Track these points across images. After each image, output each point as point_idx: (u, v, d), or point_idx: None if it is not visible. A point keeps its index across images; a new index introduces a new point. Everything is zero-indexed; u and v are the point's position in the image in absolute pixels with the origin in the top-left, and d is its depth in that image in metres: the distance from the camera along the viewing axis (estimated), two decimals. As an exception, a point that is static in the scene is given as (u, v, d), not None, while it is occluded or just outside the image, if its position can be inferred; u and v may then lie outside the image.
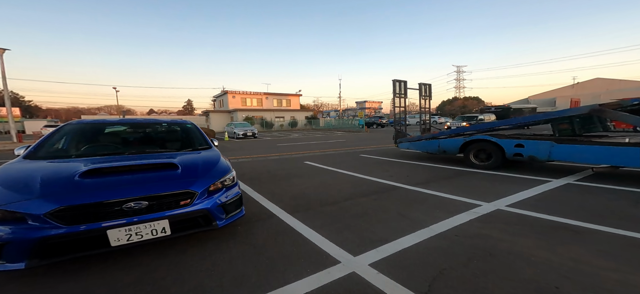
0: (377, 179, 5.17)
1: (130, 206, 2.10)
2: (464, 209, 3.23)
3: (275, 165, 7.43)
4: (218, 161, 2.97)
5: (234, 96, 35.13)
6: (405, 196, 3.94)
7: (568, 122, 4.90)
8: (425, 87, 8.56)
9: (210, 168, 2.77)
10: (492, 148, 5.39)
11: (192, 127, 4.01)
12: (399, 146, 7.92)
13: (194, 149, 3.44)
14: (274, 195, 4.41)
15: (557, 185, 4.20)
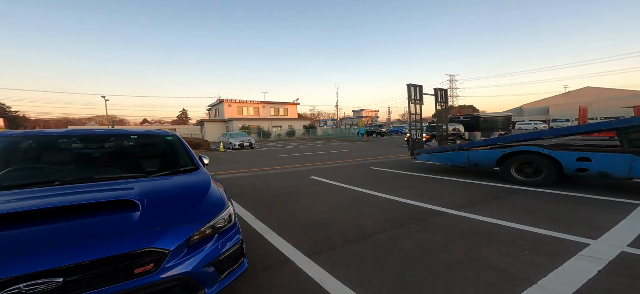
0: (405, 200, 4.24)
1: (34, 288, 1.11)
2: (569, 251, 2.27)
3: (277, 181, 6.43)
4: (206, 192, 2.01)
5: (230, 105, 34.19)
6: (458, 227, 3.00)
7: None
8: (441, 92, 7.84)
9: (193, 204, 1.82)
10: (543, 161, 4.56)
11: (173, 139, 3.01)
12: (417, 158, 7.05)
13: (173, 171, 2.46)
14: (282, 225, 3.42)
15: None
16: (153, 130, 3.15)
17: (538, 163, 4.59)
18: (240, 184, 6.26)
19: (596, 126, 4.57)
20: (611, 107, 42.74)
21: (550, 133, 5.75)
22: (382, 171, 7.07)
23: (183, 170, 2.51)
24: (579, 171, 4.14)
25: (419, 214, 3.52)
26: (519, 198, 3.96)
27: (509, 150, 4.92)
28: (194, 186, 2.11)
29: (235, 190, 5.65)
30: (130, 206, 1.59)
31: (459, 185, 5.08)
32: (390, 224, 3.23)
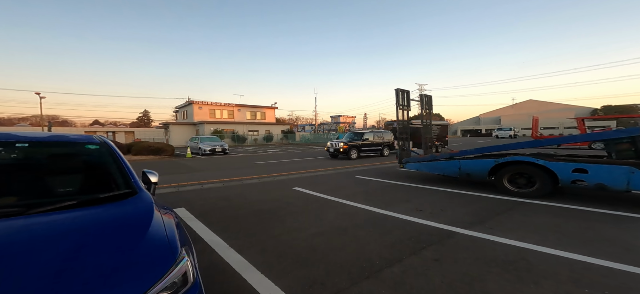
0: (405, 216, 3.75)
1: None
2: (628, 286, 1.90)
3: (256, 194, 5.55)
4: (143, 236, 1.25)
5: (200, 107, 31.62)
6: (483, 253, 2.55)
7: (630, 142, 4.21)
8: (426, 98, 7.78)
9: (117, 263, 1.05)
10: (536, 172, 4.48)
11: (99, 148, 2.05)
12: (405, 166, 6.76)
13: (91, 200, 1.58)
14: (266, 256, 2.64)
15: None
16: (65, 135, 2.13)
17: (532, 174, 4.51)
18: (211, 198, 5.25)
19: (585, 137, 4.75)
20: (550, 118, 49.62)
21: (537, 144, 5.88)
22: (370, 181, 6.62)
23: (109, 197, 1.63)
24: (575, 183, 4.10)
25: (428, 235, 3.03)
26: (524, 212, 3.73)
27: (502, 161, 4.80)
28: (123, 227, 1.30)
29: (204, 206, 4.66)
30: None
31: (454, 196, 4.81)
32: (400, 251, 2.67)
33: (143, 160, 13.27)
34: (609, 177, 3.79)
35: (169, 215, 1.62)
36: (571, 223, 3.25)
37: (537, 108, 58.54)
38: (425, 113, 7.69)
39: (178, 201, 4.98)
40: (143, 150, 14.14)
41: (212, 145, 16.00)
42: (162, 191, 5.89)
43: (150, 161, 13.09)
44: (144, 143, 15.62)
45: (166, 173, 8.81)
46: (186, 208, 4.47)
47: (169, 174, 8.53)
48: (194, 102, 31.46)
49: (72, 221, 1.30)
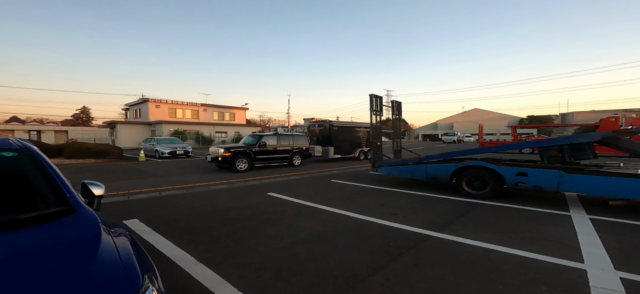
0: (382, 221, 3.86)
1: None
2: (580, 281, 2.18)
3: (226, 201, 5.13)
4: (87, 267, 1.05)
5: (158, 105, 28.43)
6: (454, 255, 2.73)
7: (557, 149, 5.05)
8: (397, 104, 8.26)
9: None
10: (488, 175, 5.05)
11: (17, 156, 1.59)
12: (378, 170, 7.04)
13: (6, 224, 1.19)
14: (243, 271, 2.41)
15: (597, 222, 3.83)
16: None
17: (484, 178, 5.09)
18: (171, 207, 4.67)
19: (523, 144, 5.60)
20: (490, 125, 57.72)
21: (485, 150, 6.70)
22: (345, 185, 6.70)
23: (33, 218, 1.27)
24: (517, 185, 4.75)
25: (405, 240, 3.14)
26: (482, 214, 4.16)
27: (462, 165, 5.33)
28: (56, 259, 1.01)
29: (163, 216, 4.12)
30: None
31: (423, 199, 5.14)
32: (381, 257, 2.70)
33: (80, 164, 11.21)
34: (543, 180, 4.49)
35: (123, 235, 1.33)
36: (519, 222, 3.72)
37: (481, 116, 67.30)
38: (395, 118, 8.13)
39: (129, 212, 4.31)
40: (80, 153, 11.95)
41: (172, 147, 14.45)
42: (107, 200, 5.04)
43: (90, 165, 11.18)
44: (82, 144, 13.23)
45: (113, 179, 7.62)
46: (140, 219, 3.89)
47: (117, 180, 7.38)
48: (149, 99, 28.17)
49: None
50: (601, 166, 4.91)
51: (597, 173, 4.18)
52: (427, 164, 5.93)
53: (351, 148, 13.42)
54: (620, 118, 14.11)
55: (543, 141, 5.49)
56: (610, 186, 3.98)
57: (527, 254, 2.68)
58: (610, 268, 2.39)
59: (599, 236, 3.13)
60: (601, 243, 2.93)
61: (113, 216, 4.05)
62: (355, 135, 13.72)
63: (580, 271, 2.34)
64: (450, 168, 5.49)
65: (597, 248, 2.81)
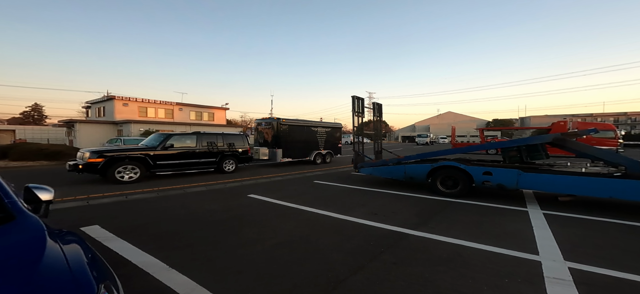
0: (364, 220, 3.94)
1: None
2: (535, 272, 2.39)
3: (203, 203, 4.88)
4: (29, 281, 0.94)
5: (126, 104, 26.24)
6: (429, 252, 2.87)
7: (516, 150, 5.58)
8: (377, 106, 8.52)
9: None
10: (459, 175, 5.40)
11: None
12: (360, 171, 7.19)
13: None
14: (220, 274, 2.31)
15: (549, 217, 4.18)
16: None
17: (456, 177, 5.45)
18: (140, 211, 4.33)
19: (488, 146, 6.12)
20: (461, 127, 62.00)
21: (457, 151, 7.19)
22: (328, 186, 6.74)
23: None
24: (484, 183, 5.16)
25: (384, 239, 3.24)
26: (453, 211, 4.43)
27: (436, 165, 5.65)
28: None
29: (130, 221, 3.80)
30: None
31: (401, 199, 5.35)
32: (362, 256, 2.75)
33: (30, 167, 9.92)
34: (505, 178, 4.94)
35: (74, 242, 1.21)
36: (485, 219, 4.04)
37: (454, 119, 71.98)
38: (376, 120, 8.38)
39: (88, 218, 3.92)
40: (30, 154, 10.60)
41: (143, 147, 13.42)
42: (61, 206, 4.53)
43: (43, 168, 9.94)
44: (33, 145, 11.74)
45: (70, 183, 6.84)
46: (102, 225, 3.56)
47: (75, 184, 6.62)
48: (116, 97, 25.91)
49: None
50: (552, 165, 5.51)
51: (548, 172, 4.69)
52: (405, 165, 6.19)
53: (306, 150, 11.47)
54: (568, 122, 16.02)
55: (504, 142, 6.05)
56: (559, 183, 4.49)
57: (493, 249, 2.91)
58: (560, 258, 2.68)
59: (551, 230, 3.50)
60: (553, 236, 3.28)
61: (68, 223, 3.64)
62: (311, 136, 11.75)
63: (536, 263, 2.59)
64: (426, 169, 5.79)
65: (549, 241, 3.14)
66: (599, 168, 5.17)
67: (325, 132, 12.38)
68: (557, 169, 5.00)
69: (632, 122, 55.34)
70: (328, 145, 12.46)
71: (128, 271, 2.39)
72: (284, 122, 10.94)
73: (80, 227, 3.39)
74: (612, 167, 4.99)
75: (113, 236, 3.16)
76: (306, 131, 11.71)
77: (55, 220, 3.78)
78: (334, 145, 12.78)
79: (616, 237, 3.28)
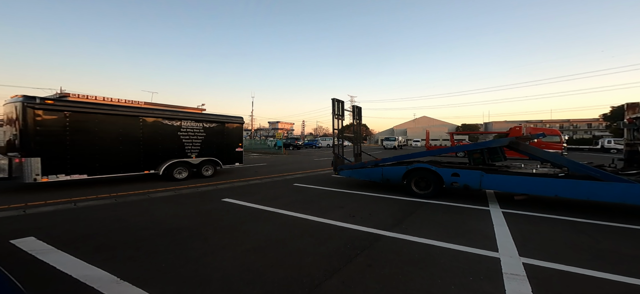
0: (340, 223, 3.93)
1: None
2: (495, 269, 2.54)
3: (169, 210, 4.50)
4: None
5: (85, 95, 23.48)
6: (402, 252, 2.92)
7: (479, 152, 6.02)
8: (357, 109, 8.66)
9: None
10: (431, 177, 5.66)
11: None
12: (340, 173, 7.21)
13: None
14: (182, 284, 2.12)
15: (507, 215, 4.56)
16: None
17: (429, 179, 5.72)
18: (91, 220, 3.86)
19: (457, 148, 6.51)
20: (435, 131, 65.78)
21: (430, 154, 7.57)
22: (307, 189, 6.66)
23: None
24: (452, 185, 5.49)
25: (360, 240, 3.25)
26: (425, 212, 4.62)
27: (411, 167, 5.89)
28: None
29: (75, 230, 3.39)
30: None
31: (378, 201, 5.46)
32: (338, 259, 2.71)
33: None
34: (470, 179, 5.31)
35: None
36: (452, 218, 4.27)
37: (428, 123, 76.19)
38: (355, 123, 8.50)
39: (23, 228, 3.39)
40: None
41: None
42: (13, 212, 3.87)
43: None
44: None
45: (3, 189, 5.87)
46: (38, 236, 3.11)
47: (9, 192, 5.67)
48: (71, 95, 23.03)
49: None
50: (509, 167, 6.06)
51: (505, 173, 5.14)
52: (382, 167, 6.35)
53: (137, 157, 6.95)
54: (523, 127, 17.82)
55: (469, 145, 6.53)
56: (515, 183, 4.94)
57: (458, 248, 3.06)
58: (516, 254, 2.91)
59: (508, 228, 3.80)
60: (510, 233, 3.55)
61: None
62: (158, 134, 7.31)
63: (495, 260, 2.77)
64: (401, 171, 6.00)
65: (506, 238, 3.40)
66: (547, 169, 5.77)
67: (201, 129, 8.09)
68: (512, 170, 5.49)
69: (574, 129, 63.66)
70: (209, 150, 8.23)
71: (65, 288, 2.07)
72: (49, 107, 5.77)
73: (10, 240, 2.88)
74: (557, 168, 5.60)
75: (51, 248, 2.74)
76: (131, 125, 6.86)
77: None
78: (224, 150, 8.65)
79: (560, 232, 3.67)
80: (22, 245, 2.78)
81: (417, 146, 47.65)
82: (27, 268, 2.36)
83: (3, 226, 3.42)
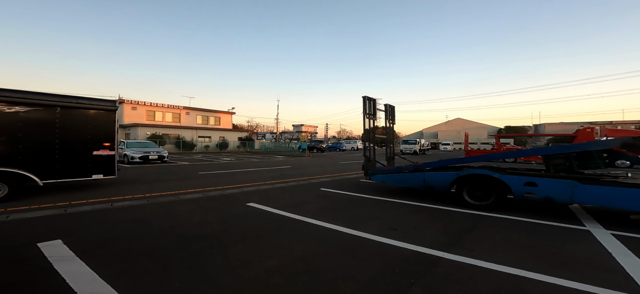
0: (379, 238, 3.23)
1: None
2: None
3: (193, 213, 4.29)
4: None
5: (134, 107, 26.63)
6: (477, 287, 2.13)
7: (564, 157, 4.74)
8: (390, 108, 7.83)
9: None
10: (492, 185, 4.59)
11: None
12: (371, 178, 6.46)
13: None
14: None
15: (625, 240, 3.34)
16: None
17: (487, 187, 4.65)
18: (120, 222, 3.78)
19: (527, 152, 5.25)
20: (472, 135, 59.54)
21: (478, 159, 6.33)
22: (335, 194, 6.05)
23: None
24: (525, 196, 4.34)
25: (412, 264, 2.52)
26: (490, 229, 3.64)
27: (463, 174, 4.87)
28: None
29: (101, 234, 3.25)
30: None
31: (419, 211, 4.58)
32: (386, 290, 2.04)
33: None
34: (555, 190, 4.07)
35: None
36: (537, 239, 3.23)
37: (463, 126, 69.50)
38: (388, 123, 7.68)
39: (56, 229, 3.37)
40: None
41: (145, 152, 13.13)
42: (35, 214, 4.01)
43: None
44: None
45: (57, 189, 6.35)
46: (66, 240, 2.99)
47: (61, 192, 6.01)
48: (125, 101, 26.32)
49: None
50: (616, 177, 4.57)
51: (615, 184, 3.80)
52: (424, 172, 5.43)
53: None
54: (595, 129, 14.79)
55: (551, 148, 5.18)
56: (633, 198, 3.60)
57: (566, 283, 2.14)
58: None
59: (638, 258, 2.66)
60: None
61: (27, 236, 3.08)
62: None
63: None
64: (449, 177, 5.02)
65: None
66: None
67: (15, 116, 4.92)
68: (624, 181, 4.04)
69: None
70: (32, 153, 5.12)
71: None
72: None
73: (38, 243, 2.83)
74: None
75: (71, 255, 2.57)
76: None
77: (13, 233, 3.26)
78: (56, 152, 5.37)
79: None
80: (46, 249, 2.68)
81: (446, 149, 42.68)
82: (37, 277, 2.19)
83: (40, 226, 3.48)
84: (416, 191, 6.18)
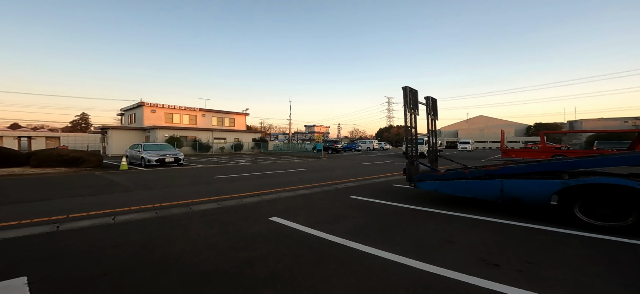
0: (472, 280, 2.12)
1: None
2: None
3: (206, 231, 3.40)
4: None
5: (153, 110, 27.04)
6: None
7: None
8: (432, 101, 6.59)
9: None
10: (628, 199, 3.20)
11: None
12: (418, 185, 5.23)
13: None
14: None
15: None
16: None
17: (624, 202, 3.28)
18: (115, 246, 2.94)
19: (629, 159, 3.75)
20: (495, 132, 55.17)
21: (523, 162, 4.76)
22: (372, 204, 4.96)
23: None
24: None
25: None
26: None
27: (575, 183, 3.48)
28: None
29: (87, 264, 2.42)
30: None
31: (512, 231, 3.39)
32: None
33: (46, 174, 9.32)
34: None
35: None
36: None
37: (486, 123, 64.91)
38: (431, 119, 6.45)
39: (31, 259, 2.60)
40: (50, 161, 10.27)
41: (161, 154, 12.75)
42: (20, 232, 3.30)
43: (58, 175, 9.41)
44: (53, 151, 11.62)
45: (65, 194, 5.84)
46: (34, 276, 2.18)
47: (67, 197, 5.51)
48: (145, 104, 26.83)
49: None
50: None
51: None
52: (502, 179, 4.13)
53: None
54: None
55: None
56: None
57: None
58: None
59: None
60: None
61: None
62: None
63: None
64: (551, 186, 3.67)
65: None
66: None
67: None
68: None
69: None
70: None
71: None
72: None
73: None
74: None
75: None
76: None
77: None
78: None
79: None
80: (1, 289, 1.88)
81: (465, 149, 35.70)
82: None
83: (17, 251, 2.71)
84: (466, 200, 4.93)
